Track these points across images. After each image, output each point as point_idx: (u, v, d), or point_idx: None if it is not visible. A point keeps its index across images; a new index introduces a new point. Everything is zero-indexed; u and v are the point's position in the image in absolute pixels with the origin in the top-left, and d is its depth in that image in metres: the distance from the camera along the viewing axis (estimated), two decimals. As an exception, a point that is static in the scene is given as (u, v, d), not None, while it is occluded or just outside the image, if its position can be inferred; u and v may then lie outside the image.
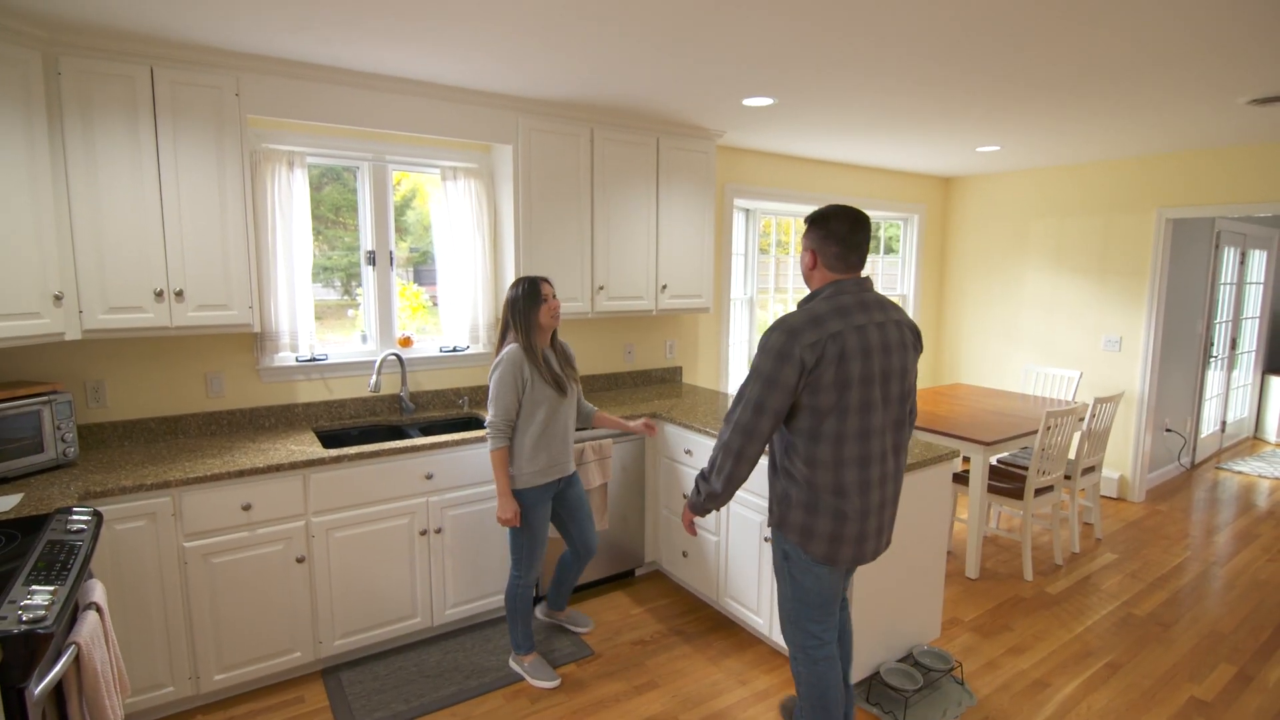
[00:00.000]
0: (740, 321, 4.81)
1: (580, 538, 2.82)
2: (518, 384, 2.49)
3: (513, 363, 2.49)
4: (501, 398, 2.49)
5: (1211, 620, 3.26)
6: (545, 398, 2.52)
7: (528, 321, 2.53)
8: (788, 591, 2.04)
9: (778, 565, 2.06)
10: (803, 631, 2.03)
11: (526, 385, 2.50)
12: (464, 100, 3.04)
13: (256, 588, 2.49)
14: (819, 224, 1.94)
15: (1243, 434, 6.70)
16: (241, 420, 2.97)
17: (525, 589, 2.65)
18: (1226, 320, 5.90)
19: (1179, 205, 4.51)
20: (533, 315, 2.53)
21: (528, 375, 2.50)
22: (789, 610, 2.05)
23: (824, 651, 2.03)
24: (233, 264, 2.61)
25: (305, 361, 3.08)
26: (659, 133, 3.62)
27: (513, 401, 2.50)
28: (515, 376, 2.49)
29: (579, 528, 2.80)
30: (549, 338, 2.62)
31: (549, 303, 2.55)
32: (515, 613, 2.66)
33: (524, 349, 2.51)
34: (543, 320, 2.54)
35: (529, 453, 2.53)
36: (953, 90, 2.98)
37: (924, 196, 5.66)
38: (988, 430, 3.63)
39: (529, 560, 2.61)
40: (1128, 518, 4.61)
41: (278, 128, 2.92)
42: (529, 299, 2.53)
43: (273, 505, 2.49)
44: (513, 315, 2.54)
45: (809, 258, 1.98)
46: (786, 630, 2.09)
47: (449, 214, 3.34)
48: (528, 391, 2.51)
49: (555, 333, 2.67)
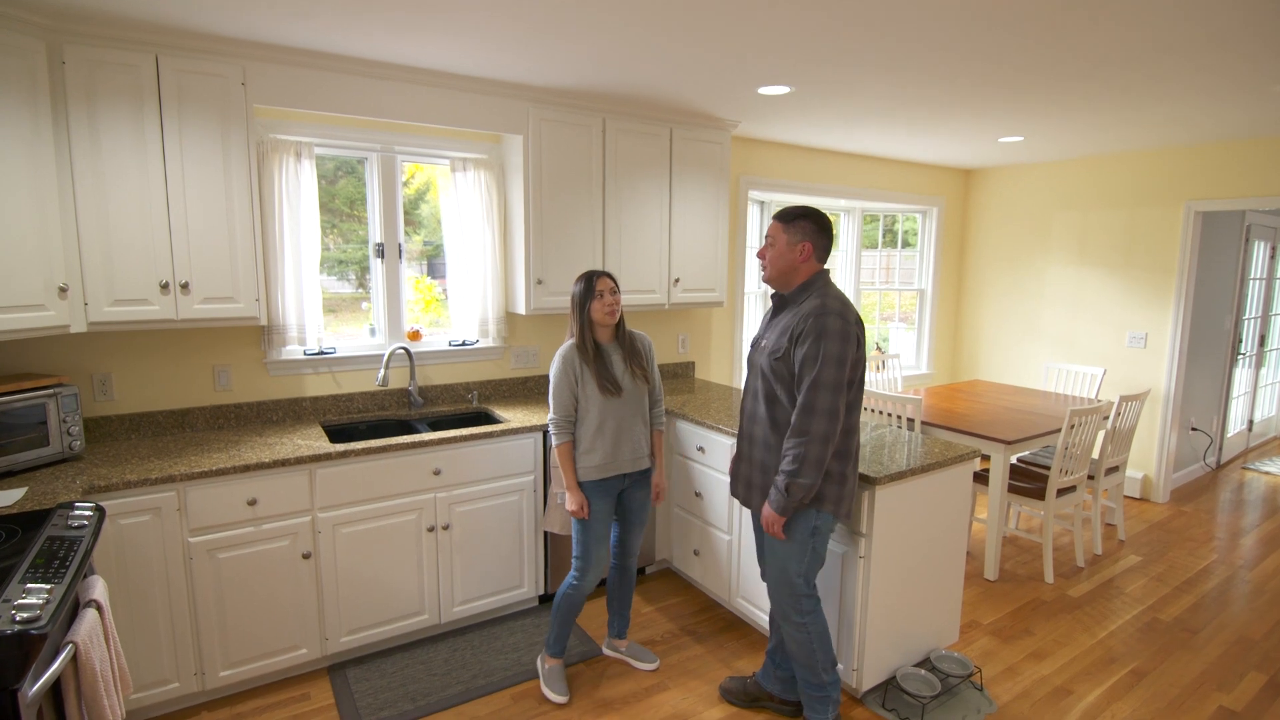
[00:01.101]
0: (754, 315, 4.73)
1: (621, 539, 2.71)
2: (571, 380, 2.47)
3: (565, 359, 2.47)
4: (559, 395, 2.47)
5: (1240, 626, 3.15)
6: (597, 395, 2.48)
7: (583, 316, 2.48)
8: (805, 563, 2.17)
9: (800, 541, 2.15)
10: (809, 588, 2.21)
11: (580, 381, 2.47)
12: (473, 89, 2.99)
13: (262, 584, 2.47)
14: (810, 219, 2.15)
15: (1270, 433, 6.53)
16: (249, 414, 2.94)
17: (576, 592, 2.55)
18: (1255, 316, 5.74)
19: (1208, 198, 4.37)
20: (587, 309, 2.48)
21: (579, 371, 2.47)
22: (803, 576, 2.19)
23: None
24: (239, 256, 2.57)
25: (313, 355, 3.05)
26: (672, 123, 3.55)
27: (569, 398, 2.47)
28: (568, 373, 2.46)
29: (626, 530, 2.69)
30: (610, 334, 2.56)
31: (603, 299, 2.48)
32: (557, 610, 2.58)
33: (578, 345, 2.48)
34: (595, 316, 2.47)
35: (585, 447, 2.50)
36: (973, 81, 2.88)
37: (943, 189, 5.54)
38: (1009, 429, 3.54)
39: (586, 560, 2.53)
40: (1151, 519, 4.49)
41: (284, 118, 2.88)
42: (584, 293, 2.49)
43: (279, 500, 2.46)
44: (572, 309, 2.51)
45: (805, 249, 2.13)
46: (790, 601, 2.20)
47: (458, 206, 3.29)
48: (581, 388, 2.48)
49: (622, 324, 2.59)
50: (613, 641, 2.83)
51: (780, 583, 2.21)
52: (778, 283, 2.19)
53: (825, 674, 2.25)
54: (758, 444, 2.21)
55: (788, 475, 2.04)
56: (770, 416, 2.15)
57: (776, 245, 2.15)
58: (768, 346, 2.16)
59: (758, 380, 2.20)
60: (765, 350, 2.17)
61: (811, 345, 2.00)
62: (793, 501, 2.06)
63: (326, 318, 3.17)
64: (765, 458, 2.18)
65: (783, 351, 2.08)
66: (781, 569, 2.20)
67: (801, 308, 2.09)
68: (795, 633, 2.22)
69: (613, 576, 2.76)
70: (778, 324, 2.16)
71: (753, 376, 2.25)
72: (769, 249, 2.17)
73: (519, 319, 3.56)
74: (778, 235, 2.15)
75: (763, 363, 2.16)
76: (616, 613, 2.79)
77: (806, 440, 2.00)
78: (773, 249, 2.16)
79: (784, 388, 2.10)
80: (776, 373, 2.11)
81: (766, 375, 2.15)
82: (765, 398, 2.16)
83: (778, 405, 2.13)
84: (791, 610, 2.21)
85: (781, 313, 2.19)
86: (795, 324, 2.06)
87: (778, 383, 2.11)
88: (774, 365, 2.11)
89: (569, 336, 2.53)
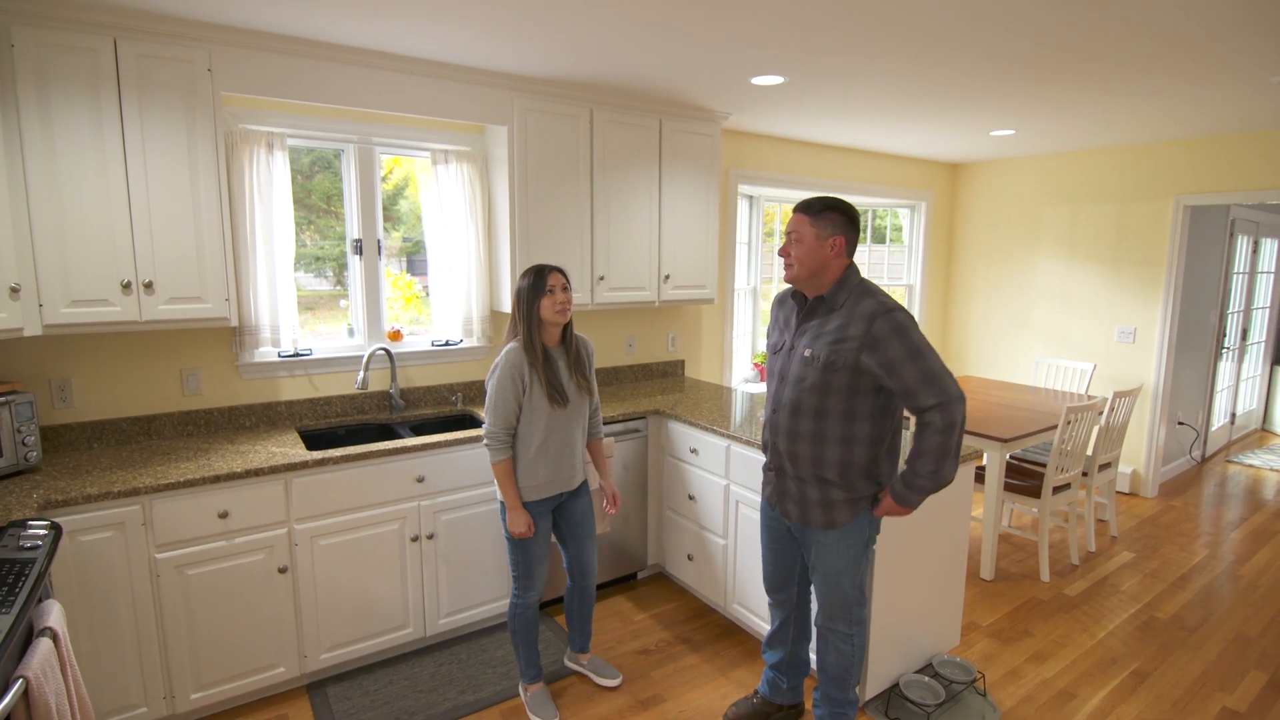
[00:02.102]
0: (744, 313, 4.65)
1: (576, 557, 2.52)
2: (517, 388, 2.23)
3: (511, 364, 2.23)
4: (500, 404, 2.22)
5: (1237, 624, 3.13)
6: (544, 406, 2.27)
7: (530, 315, 2.25)
8: (859, 576, 2.07)
9: (858, 551, 2.05)
10: (862, 596, 2.11)
11: (527, 389, 2.25)
12: (455, 78, 2.86)
13: (236, 600, 2.33)
14: (838, 209, 1.98)
15: (1251, 426, 6.60)
16: (220, 420, 2.79)
17: (525, 610, 2.40)
18: (1239, 310, 5.77)
19: (1198, 192, 4.36)
20: (536, 307, 2.25)
21: (528, 378, 2.24)
22: (859, 588, 2.08)
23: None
24: (207, 253, 2.43)
25: (288, 357, 2.91)
26: (662, 114, 3.44)
27: (513, 408, 2.24)
28: (514, 379, 2.22)
29: (577, 546, 2.50)
30: (558, 335, 2.34)
31: (554, 295, 2.25)
32: (517, 635, 2.43)
33: (524, 347, 2.26)
34: (545, 315, 2.25)
35: (529, 465, 2.28)
36: (966, 72, 2.81)
37: (931, 183, 5.49)
38: (1004, 426, 3.49)
39: (526, 578, 2.38)
40: (1142, 514, 4.49)
41: (255, 107, 2.73)
42: (533, 289, 2.25)
43: (252, 512, 2.32)
44: (517, 307, 2.28)
45: (837, 243, 1.96)
46: (841, 611, 2.09)
47: (440, 200, 3.16)
48: (529, 397, 2.25)
49: (569, 327, 2.38)
50: (574, 655, 2.68)
51: (832, 593, 2.09)
52: (808, 283, 1.99)
53: (854, 689, 2.17)
54: (804, 461, 2.00)
55: (931, 476, 1.87)
56: (819, 431, 1.96)
57: (804, 241, 1.95)
58: (818, 356, 1.93)
59: (800, 393, 1.97)
60: (814, 361, 1.94)
61: (899, 344, 1.83)
62: (918, 498, 1.92)
63: (302, 316, 3.03)
64: (818, 474, 1.99)
65: (843, 362, 1.89)
66: (835, 580, 2.07)
67: (856, 311, 1.91)
68: (841, 644, 2.12)
69: (570, 595, 2.60)
70: (822, 330, 1.95)
71: (791, 389, 2.00)
72: (795, 245, 1.98)
73: (504, 318, 3.44)
74: (804, 229, 1.96)
75: (809, 374, 1.95)
76: (577, 628, 2.64)
77: (951, 431, 1.83)
78: (800, 245, 1.96)
79: (840, 399, 1.92)
80: (830, 385, 1.92)
81: (816, 388, 1.94)
82: (814, 412, 1.96)
83: (829, 420, 1.94)
84: (841, 621, 2.10)
85: (816, 316, 2.00)
86: (855, 330, 1.88)
87: (830, 395, 1.92)
88: (828, 378, 1.92)
89: (509, 338, 2.30)
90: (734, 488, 2.84)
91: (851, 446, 1.97)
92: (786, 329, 2.11)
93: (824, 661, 2.17)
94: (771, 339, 2.18)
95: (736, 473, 2.82)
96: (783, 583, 2.29)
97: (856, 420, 1.95)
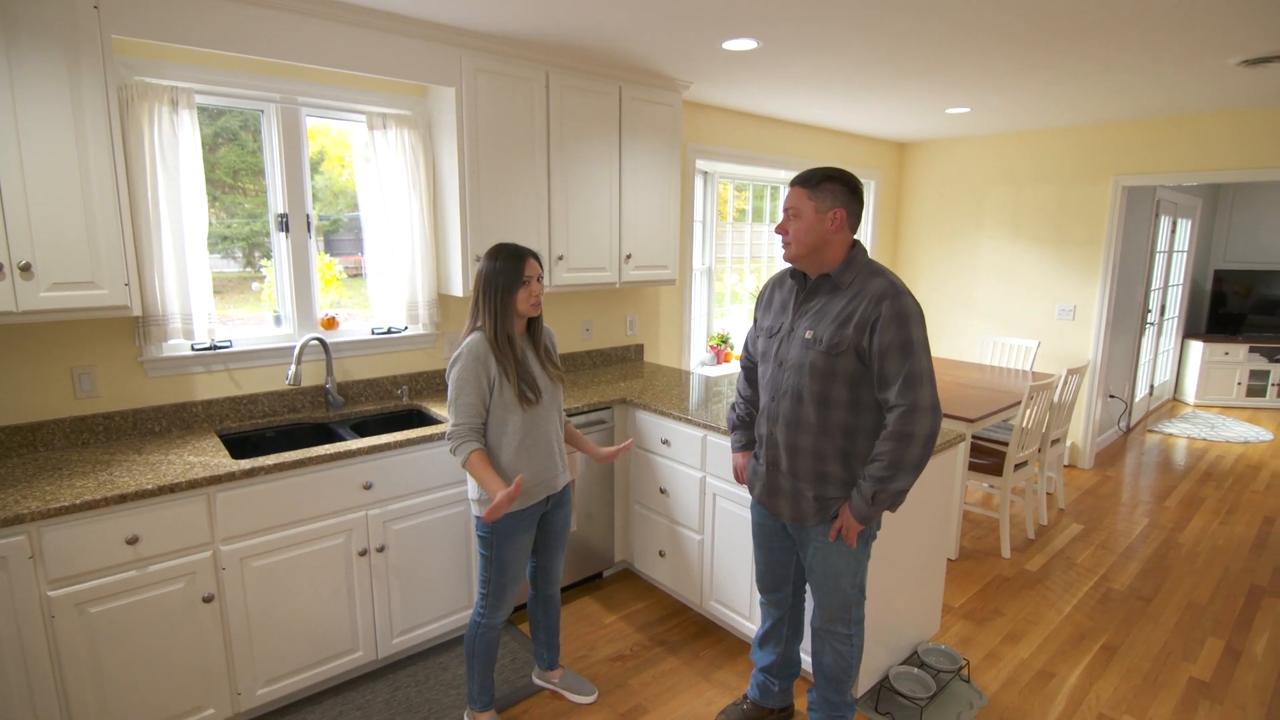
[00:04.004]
0: (700, 295, 4.48)
1: (544, 567, 2.30)
2: (483, 385, 1.96)
3: (476, 356, 1.96)
4: (463, 400, 1.95)
5: (1186, 591, 3.24)
6: (515, 405, 2.01)
7: (503, 305, 1.98)
8: (859, 575, 1.96)
9: (860, 551, 1.92)
10: (861, 595, 1.99)
11: (494, 385, 1.98)
12: (395, 29, 2.52)
13: (152, 638, 1.99)
14: (839, 180, 1.81)
15: (1165, 396, 7.00)
16: (123, 426, 2.40)
17: (489, 631, 2.14)
18: (1160, 288, 6.06)
19: (1135, 173, 4.48)
20: (510, 299, 1.98)
21: (495, 374, 1.98)
22: (859, 587, 1.96)
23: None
24: (100, 230, 2.03)
25: (204, 350, 2.53)
26: (622, 81, 3.19)
27: (478, 405, 1.96)
28: (479, 374, 1.95)
29: (549, 556, 2.28)
30: (523, 325, 2.09)
31: (530, 287, 2.00)
32: (474, 658, 2.16)
33: (490, 340, 1.98)
34: (521, 307, 2.00)
35: (508, 471, 2.02)
36: (937, 44, 2.70)
37: (879, 162, 5.47)
38: (968, 406, 3.48)
39: (497, 597, 2.12)
40: (1082, 485, 4.64)
41: (155, 55, 2.32)
42: (508, 275, 1.97)
43: (168, 535, 1.98)
44: (484, 294, 1.99)
45: (838, 216, 1.79)
46: (840, 612, 1.96)
47: (378, 171, 2.82)
48: (496, 394, 1.99)
49: (538, 317, 2.12)
50: (543, 674, 2.45)
51: (831, 594, 1.95)
52: (808, 262, 1.84)
53: (850, 691, 2.06)
54: (804, 454, 1.86)
55: (879, 482, 1.74)
56: (822, 420, 1.82)
57: (802, 216, 1.80)
58: (820, 338, 1.79)
59: (802, 379, 1.82)
60: (815, 343, 1.80)
61: (896, 332, 1.70)
62: (874, 510, 1.78)
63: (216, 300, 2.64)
64: (818, 468, 1.85)
65: (847, 344, 1.76)
66: (834, 580, 1.93)
67: (864, 290, 1.77)
68: (839, 645, 1.99)
69: (534, 605, 2.38)
70: (825, 311, 1.82)
71: (788, 374, 1.86)
72: (792, 221, 1.82)
73: (453, 302, 3.14)
74: (801, 204, 1.80)
75: (811, 359, 1.81)
76: (544, 643, 2.41)
77: (908, 441, 1.70)
78: (798, 221, 1.81)
79: (844, 386, 1.78)
80: (835, 370, 1.77)
81: (819, 373, 1.79)
82: (816, 400, 1.81)
83: (833, 408, 1.80)
84: (840, 623, 1.97)
85: (818, 297, 1.86)
86: (861, 310, 1.74)
87: (835, 381, 1.78)
88: (831, 362, 1.78)
89: (470, 328, 2.04)
90: (711, 480, 2.68)
91: (854, 437, 1.83)
92: (783, 313, 1.94)
93: (820, 663, 2.04)
94: (765, 322, 2.00)
95: (713, 465, 2.66)
96: (777, 582, 2.14)
97: (862, 411, 1.81)
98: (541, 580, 2.32)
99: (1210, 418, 6.41)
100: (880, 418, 1.81)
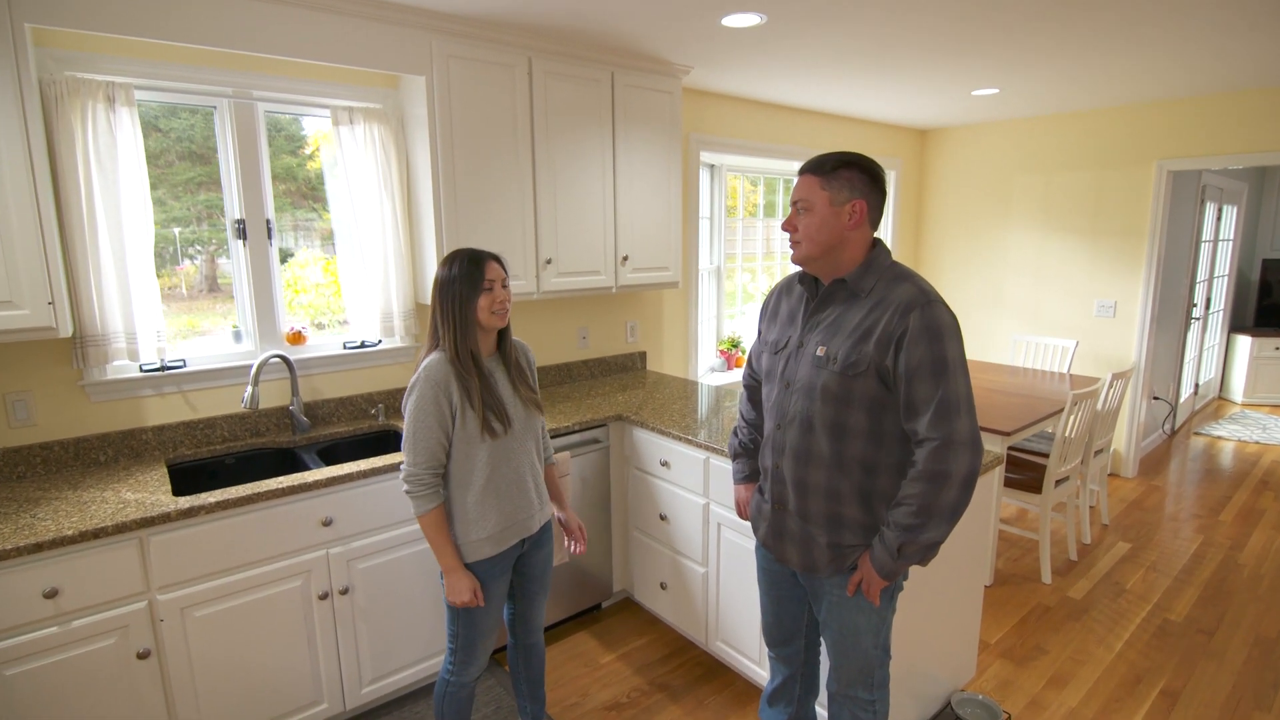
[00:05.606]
0: (708, 296, 4.20)
1: (522, 614, 2.02)
2: (443, 411, 1.69)
3: (434, 381, 1.68)
4: (421, 435, 1.67)
5: (1252, 622, 2.89)
6: (478, 436, 1.74)
7: (462, 316, 1.71)
8: (883, 634, 1.66)
9: (879, 610, 1.62)
10: (886, 655, 1.70)
11: (457, 414, 1.71)
12: (358, 13, 2.27)
13: (79, 701, 1.76)
14: (857, 166, 1.51)
15: (1210, 395, 6.57)
16: (63, 457, 2.18)
17: (459, 690, 1.88)
18: (1205, 280, 5.66)
19: (1180, 156, 4.10)
20: (469, 308, 1.71)
21: (457, 400, 1.71)
22: (882, 647, 1.68)
23: None
24: (17, 244, 1.81)
25: (154, 371, 2.30)
26: (614, 66, 2.92)
27: (438, 439, 1.69)
28: (438, 401, 1.68)
29: (527, 603, 2.00)
30: (493, 341, 1.82)
31: (493, 293, 1.73)
32: (444, 718, 1.92)
33: (452, 359, 1.72)
34: (482, 317, 1.73)
35: (473, 512, 1.75)
36: (958, 20, 2.39)
37: (899, 151, 5.13)
38: (1003, 416, 3.15)
39: (466, 653, 1.86)
40: (1127, 497, 4.28)
41: (86, 48, 2.09)
42: (466, 282, 1.71)
43: (95, 585, 1.75)
44: (442, 305, 1.73)
45: (857, 209, 1.50)
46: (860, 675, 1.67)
47: (346, 170, 2.57)
48: (460, 424, 1.72)
49: (507, 331, 1.85)
50: None
51: (849, 655, 1.66)
52: (821, 264, 1.55)
53: None
54: (815, 492, 1.57)
55: (906, 531, 1.44)
56: (837, 453, 1.53)
57: (814, 210, 1.51)
58: (834, 356, 1.50)
59: (812, 404, 1.53)
60: (829, 362, 1.51)
61: (927, 349, 1.40)
62: (901, 563, 1.49)
63: (172, 313, 2.42)
64: (832, 509, 1.56)
65: (866, 363, 1.46)
66: (853, 640, 1.64)
67: (887, 298, 1.48)
68: (860, 712, 1.70)
69: (514, 655, 2.09)
70: (840, 323, 1.53)
71: (796, 398, 1.57)
72: (802, 216, 1.53)
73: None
74: (813, 195, 1.51)
75: (824, 380, 1.51)
76: (527, 695, 2.12)
77: (943, 483, 1.41)
78: (808, 215, 1.52)
79: (863, 413, 1.49)
80: (851, 394, 1.49)
81: (833, 397, 1.51)
82: (829, 428, 1.52)
83: (849, 438, 1.51)
84: (860, 687, 1.68)
85: (833, 305, 1.56)
86: (885, 322, 1.45)
87: (851, 407, 1.49)
88: (848, 385, 1.48)
89: (431, 348, 1.76)
90: (715, 508, 2.41)
91: (875, 474, 1.53)
92: (791, 325, 1.65)
93: None
94: (770, 335, 1.71)
95: (717, 491, 2.38)
96: (787, 636, 1.86)
97: (885, 443, 1.51)
98: (521, 629, 2.05)
99: (1260, 418, 5.98)
100: (908, 450, 1.51)
